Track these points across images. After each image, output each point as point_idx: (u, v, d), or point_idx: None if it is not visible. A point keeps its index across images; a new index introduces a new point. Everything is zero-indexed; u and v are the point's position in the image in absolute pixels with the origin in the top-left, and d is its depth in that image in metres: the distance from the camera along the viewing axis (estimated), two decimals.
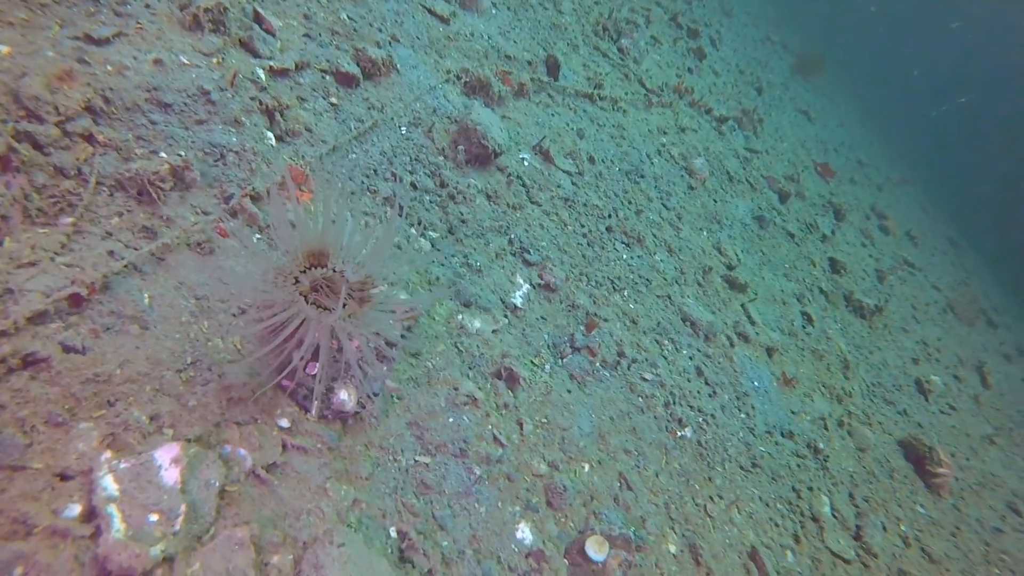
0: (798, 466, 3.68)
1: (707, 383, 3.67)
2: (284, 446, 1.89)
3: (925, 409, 5.48)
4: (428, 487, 2.15)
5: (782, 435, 3.82)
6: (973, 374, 6.91)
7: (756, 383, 4.02)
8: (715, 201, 5.45)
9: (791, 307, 5.09)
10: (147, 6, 2.45)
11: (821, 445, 3.95)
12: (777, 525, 3.19)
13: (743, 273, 4.80)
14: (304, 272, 1.84)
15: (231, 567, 1.56)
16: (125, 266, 1.91)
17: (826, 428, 4.20)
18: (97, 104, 2.08)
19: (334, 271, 1.87)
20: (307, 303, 1.76)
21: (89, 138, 2.04)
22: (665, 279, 4.09)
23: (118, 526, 1.48)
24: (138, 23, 2.37)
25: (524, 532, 2.24)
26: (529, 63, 4.47)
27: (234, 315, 2.02)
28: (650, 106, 5.64)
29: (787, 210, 6.52)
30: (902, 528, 3.93)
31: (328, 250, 1.88)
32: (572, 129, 4.44)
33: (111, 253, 1.92)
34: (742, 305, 4.51)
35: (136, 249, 1.98)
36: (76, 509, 1.50)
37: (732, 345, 4.10)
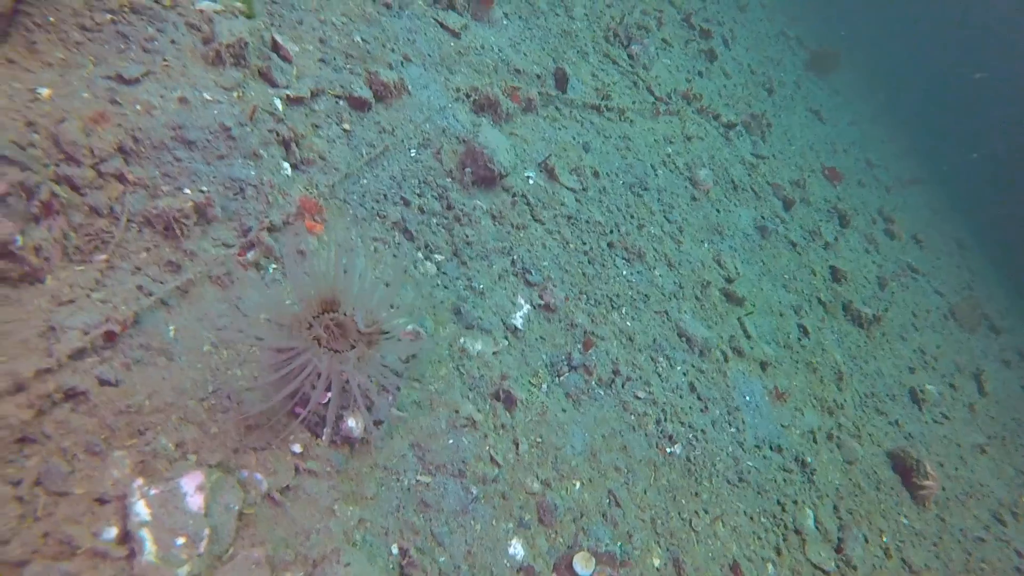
0: (784, 480, 3.84)
1: (699, 399, 3.82)
2: (296, 469, 2.07)
3: (918, 419, 5.61)
4: (428, 505, 2.33)
5: (771, 449, 3.98)
6: (970, 382, 7.01)
7: (748, 397, 4.16)
8: (718, 211, 5.54)
9: (788, 319, 5.21)
10: (173, 42, 2.57)
11: (808, 459, 4.10)
12: (760, 538, 3.37)
13: (742, 286, 4.91)
14: (317, 317, 1.99)
15: None
16: (153, 300, 2.07)
17: (815, 441, 4.34)
18: (128, 144, 2.23)
19: (345, 315, 2.02)
20: (320, 346, 1.92)
21: (120, 177, 2.19)
22: (663, 294, 4.22)
23: (150, 549, 1.66)
24: (164, 60, 2.50)
25: (516, 548, 2.43)
26: (538, 76, 4.55)
27: (251, 346, 2.18)
28: (657, 115, 5.70)
29: (791, 217, 6.59)
30: (884, 540, 4.09)
31: (339, 296, 2.04)
32: (578, 143, 4.53)
33: (140, 288, 2.09)
34: (739, 319, 4.63)
35: (162, 283, 2.14)
36: (113, 532, 1.69)
37: (726, 360, 4.23)
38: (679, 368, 3.87)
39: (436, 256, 3.09)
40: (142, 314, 2.05)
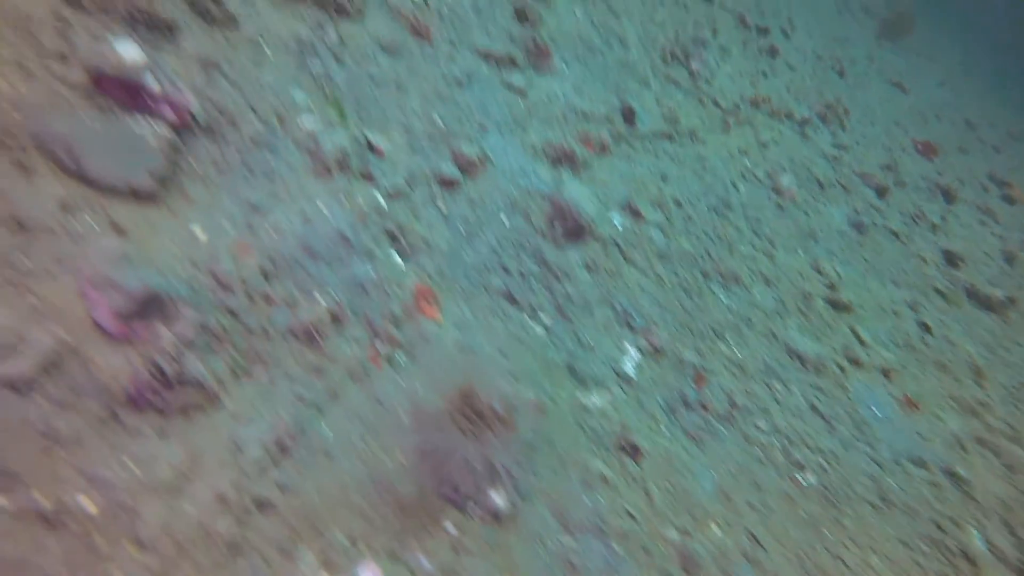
0: (935, 497, 3.60)
1: (823, 419, 3.68)
2: (454, 549, 2.22)
3: None
4: (575, 568, 2.41)
5: (912, 464, 3.74)
6: None
7: (875, 410, 3.95)
8: (807, 215, 5.35)
9: (904, 318, 4.90)
10: (288, 164, 2.90)
11: (960, 470, 3.81)
12: (922, 567, 3.17)
13: (846, 290, 4.69)
14: (452, 404, 2.16)
15: None
16: (309, 406, 2.32)
17: (963, 449, 4.03)
18: (267, 267, 2.52)
19: (477, 398, 2.17)
20: (462, 433, 2.08)
21: (266, 298, 2.48)
22: (766, 314, 4.12)
23: None
24: (284, 181, 2.82)
25: None
26: (606, 116, 4.64)
27: (397, 435, 2.38)
28: (728, 128, 5.61)
29: (887, 206, 6.22)
30: None
31: (468, 379, 2.19)
32: (655, 174, 4.56)
33: (297, 396, 2.34)
34: (849, 327, 4.42)
35: (313, 389, 2.39)
36: None
37: (844, 373, 4.05)
38: (796, 389, 3.76)
39: (542, 316, 3.22)
40: (303, 420, 2.29)
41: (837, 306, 4.51)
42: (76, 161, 2.48)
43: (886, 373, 4.25)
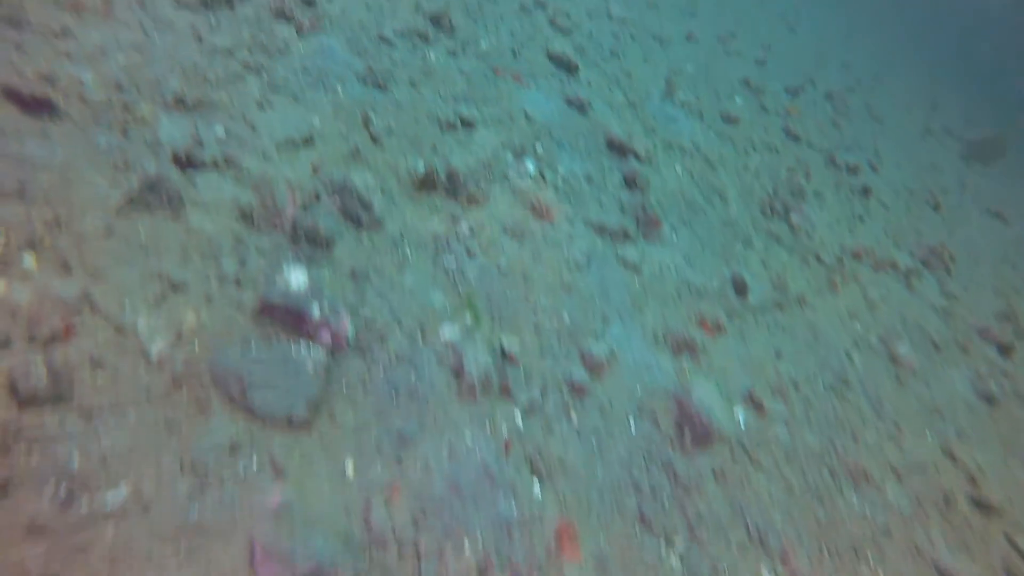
0: None
1: None
2: None
3: None
4: None
5: None
6: None
7: None
8: (928, 386, 5.02)
9: None
10: (431, 384, 2.92)
11: None
12: None
13: (990, 484, 4.28)
14: None
15: None
16: None
17: None
18: (417, 513, 2.48)
19: None
20: None
21: (416, 550, 2.42)
22: (904, 521, 3.78)
23: None
24: (429, 404, 2.83)
25: None
26: (719, 291, 4.58)
27: None
28: (835, 287, 5.45)
29: (1013, 366, 5.79)
30: None
31: None
32: (771, 352, 4.41)
33: None
34: (1004, 534, 3.99)
35: None
36: None
37: None
38: None
39: (676, 541, 3.03)
40: None
41: (983, 507, 4.10)
42: (244, 394, 2.57)
43: None
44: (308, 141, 3.75)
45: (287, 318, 2.78)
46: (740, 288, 4.66)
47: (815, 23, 15.22)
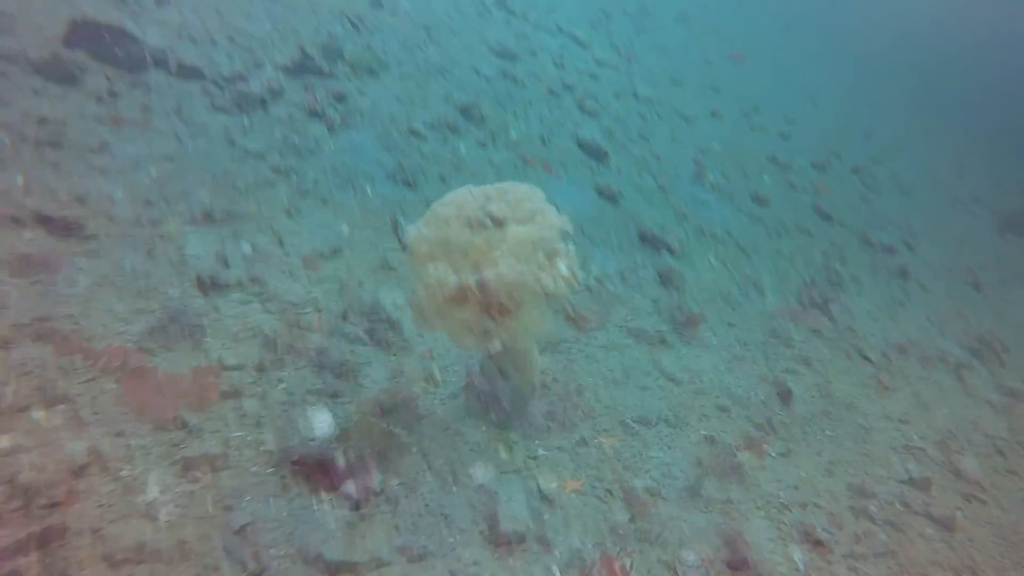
0: None
1: None
2: None
3: None
4: None
5: None
6: None
7: None
8: (1003, 510, 4.59)
9: None
10: (461, 531, 2.65)
11: None
12: None
13: None
14: None
15: None
16: None
17: None
18: None
19: None
20: None
21: None
22: None
23: None
24: (460, 561, 2.56)
25: None
26: (763, 402, 4.29)
27: None
28: (883, 389, 5.12)
29: None
30: None
31: None
32: (821, 470, 4.07)
33: None
34: None
35: None
36: None
37: None
38: None
39: None
40: None
41: None
42: (259, 562, 2.33)
43: None
44: (336, 252, 3.62)
45: (310, 470, 2.56)
46: (785, 398, 4.37)
47: (835, 94, 15.33)
